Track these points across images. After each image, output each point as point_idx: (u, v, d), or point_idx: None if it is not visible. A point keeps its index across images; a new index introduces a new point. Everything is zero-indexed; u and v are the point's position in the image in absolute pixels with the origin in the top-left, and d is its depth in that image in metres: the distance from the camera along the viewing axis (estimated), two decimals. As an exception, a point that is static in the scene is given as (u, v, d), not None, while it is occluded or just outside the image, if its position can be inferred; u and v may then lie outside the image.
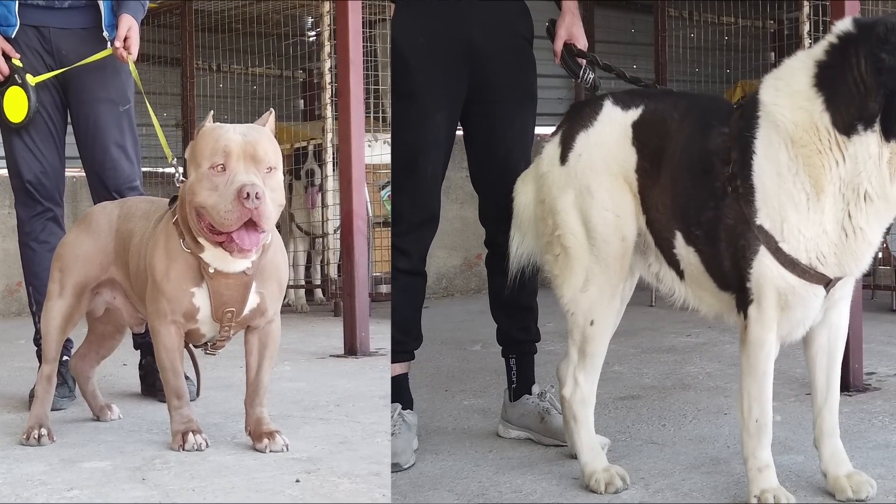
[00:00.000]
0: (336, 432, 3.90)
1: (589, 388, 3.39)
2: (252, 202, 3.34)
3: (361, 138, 5.97)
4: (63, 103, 4.61)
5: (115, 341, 4.27)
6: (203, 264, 3.57)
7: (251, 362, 3.75)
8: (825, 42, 2.95)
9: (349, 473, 3.33)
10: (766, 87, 3.03)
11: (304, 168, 8.70)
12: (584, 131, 3.34)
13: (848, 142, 2.88)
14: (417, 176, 3.78)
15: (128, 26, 4.43)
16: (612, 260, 3.29)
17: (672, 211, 3.19)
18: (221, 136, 3.44)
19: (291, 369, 5.49)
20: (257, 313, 3.70)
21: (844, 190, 2.90)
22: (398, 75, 3.80)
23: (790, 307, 3.00)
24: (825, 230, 2.93)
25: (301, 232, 8.94)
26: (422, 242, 3.85)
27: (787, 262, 2.95)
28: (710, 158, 3.08)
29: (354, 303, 5.86)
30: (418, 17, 3.77)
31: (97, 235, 3.96)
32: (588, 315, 3.33)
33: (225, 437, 3.85)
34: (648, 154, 3.23)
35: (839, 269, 2.98)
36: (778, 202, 2.94)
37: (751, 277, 3.00)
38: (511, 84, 3.83)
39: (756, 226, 2.97)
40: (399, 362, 3.87)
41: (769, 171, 2.95)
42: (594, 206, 3.28)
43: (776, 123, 2.95)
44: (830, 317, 3.17)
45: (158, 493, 3.18)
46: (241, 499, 3.11)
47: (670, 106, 3.26)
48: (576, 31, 3.79)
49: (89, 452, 3.70)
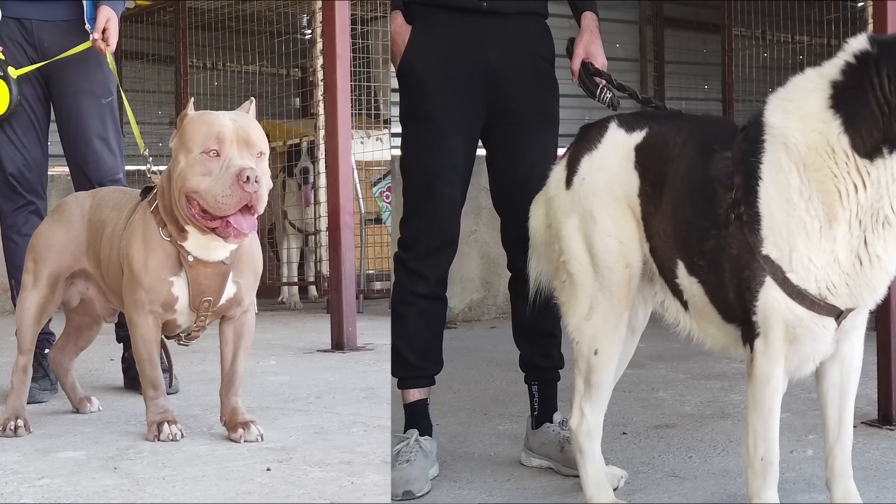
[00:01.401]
0: (313, 423, 3.90)
1: (595, 419, 3.23)
2: (252, 186, 3.37)
3: (348, 133, 5.97)
4: (46, 96, 4.61)
5: (92, 332, 4.27)
6: (183, 253, 3.57)
7: (226, 353, 3.75)
8: (839, 61, 2.78)
9: (321, 462, 3.32)
10: (773, 109, 2.86)
11: (298, 166, 8.70)
12: (589, 154, 3.20)
13: (870, 166, 2.71)
14: (434, 199, 3.65)
15: (106, 17, 4.43)
16: (615, 287, 3.13)
17: (673, 239, 3.03)
18: (214, 122, 3.46)
19: (277, 363, 5.49)
20: (234, 303, 3.70)
21: (862, 216, 2.74)
22: (414, 98, 3.69)
23: (798, 340, 2.85)
24: (837, 259, 2.76)
25: (294, 229, 8.95)
26: (440, 267, 3.72)
27: (795, 294, 2.79)
28: (711, 185, 2.92)
29: (341, 297, 5.85)
30: (434, 38, 3.66)
31: (70, 225, 3.96)
32: (592, 344, 3.18)
33: (202, 427, 3.85)
34: (650, 179, 3.08)
35: (851, 300, 2.81)
36: (786, 230, 2.77)
37: (756, 310, 2.85)
38: (531, 106, 3.70)
39: (762, 255, 2.80)
40: (417, 388, 3.73)
41: (777, 198, 2.79)
42: (597, 231, 3.14)
43: (787, 146, 2.78)
44: (842, 350, 2.99)
45: (129, 481, 3.18)
46: (211, 486, 3.10)
47: (674, 129, 3.11)
48: (593, 49, 3.65)
49: (64, 443, 3.69)
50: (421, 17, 3.69)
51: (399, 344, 3.72)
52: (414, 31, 3.69)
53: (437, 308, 3.76)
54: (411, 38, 3.68)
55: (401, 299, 3.72)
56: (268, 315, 8.14)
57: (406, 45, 3.68)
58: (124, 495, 3.04)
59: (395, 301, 3.75)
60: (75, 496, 3.04)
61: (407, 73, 3.69)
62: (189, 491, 3.07)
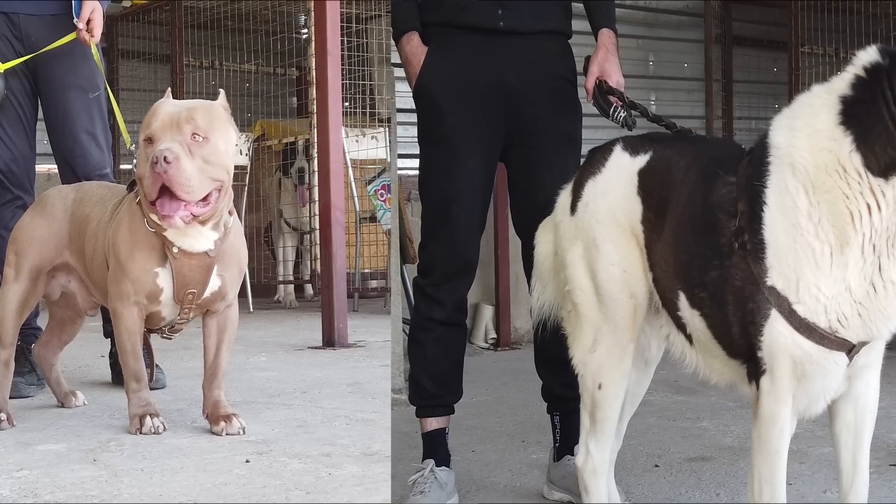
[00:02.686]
0: (296, 416, 3.89)
1: (600, 456, 3.09)
2: (160, 166, 3.35)
3: (339, 130, 5.97)
4: (33, 90, 4.60)
5: (75, 327, 4.26)
6: (167, 244, 3.57)
7: (209, 346, 3.75)
8: (849, 75, 2.61)
9: (300, 454, 3.32)
10: (779, 129, 2.69)
11: (294, 165, 8.69)
12: (593, 178, 3.06)
13: (885, 185, 2.53)
14: (451, 224, 3.56)
15: (91, 9, 4.42)
16: (620, 319, 2.99)
17: (674, 270, 2.86)
18: (155, 110, 3.48)
19: (267, 360, 5.49)
20: (218, 297, 3.70)
21: (876, 239, 2.55)
22: (429, 120, 3.61)
23: (807, 378, 2.65)
24: (849, 287, 2.57)
25: (290, 228, 8.94)
26: (457, 292, 3.62)
27: (803, 327, 2.59)
28: (713, 212, 2.75)
29: (332, 294, 5.84)
30: (450, 59, 3.56)
31: (52, 219, 3.96)
32: (596, 378, 3.05)
33: (185, 421, 3.85)
34: (653, 205, 2.92)
35: (865, 332, 2.61)
36: (793, 258, 2.59)
37: (762, 345, 2.65)
38: (550, 127, 3.57)
39: (767, 286, 2.62)
40: (435, 416, 3.64)
41: (782, 224, 2.61)
42: (600, 259, 3.00)
43: (793, 167, 2.60)
44: (855, 388, 2.78)
45: (107, 473, 3.17)
46: (188, 478, 3.09)
47: (678, 152, 2.95)
48: (608, 67, 3.52)
49: (46, 436, 3.69)
50: (437, 39, 3.60)
51: (417, 371, 3.65)
52: (429, 53, 3.59)
53: (455, 335, 3.66)
54: (426, 59, 3.59)
55: (418, 325, 3.65)
56: (263, 313, 8.14)
57: (421, 67, 3.58)
58: (101, 486, 3.03)
59: (413, 327, 3.68)
60: (52, 487, 3.03)
61: (422, 95, 3.60)
62: (166, 482, 3.06)
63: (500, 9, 3.52)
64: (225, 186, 3.52)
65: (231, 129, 3.58)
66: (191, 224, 3.50)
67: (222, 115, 3.54)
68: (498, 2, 3.52)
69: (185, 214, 3.44)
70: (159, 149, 3.37)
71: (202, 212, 3.48)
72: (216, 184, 3.48)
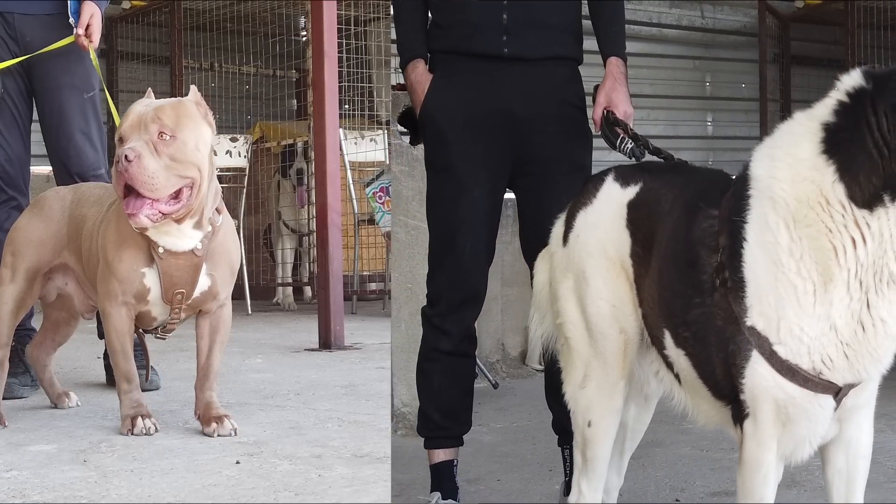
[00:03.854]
0: (289, 418, 3.89)
1: (592, 496, 2.97)
2: (121, 165, 3.35)
3: (336, 131, 5.96)
4: (28, 90, 4.59)
5: (70, 328, 4.26)
6: (152, 244, 3.56)
7: (202, 346, 3.75)
8: (832, 100, 2.46)
9: (291, 456, 3.31)
10: (759, 159, 2.55)
11: (292, 167, 8.69)
12: (584, 209, 2.97)
13: (870, 217, 2.38)
14: (456, 254, 3.50)
15: (90, 13, 4.41)
16: (609, 355, 2.88)
17: (660, 307, 2.75)
18: (128, 111, 3.49)
19: (262, 362, 5.49)
20: (209, 296, 3.69)
21: (862, 275, 2.40)
22: (434, 149, 3.56)
23: (791, 422, 2.51)
24: (834, 326, 2.42)
25: (288, 230, 8.93)
26: (464, 322, 3.56)
27: (785, 369, 2.46)
28: (695, 247, 2.62)
29: (329, 296, 5.83)
30: (455, 87, 3.50)
31: (49, 220, 3.95)
32: (586, 415, 2.95)
33: (177, 422, 3.85)
34: (641, 239, 2.81)
35: (852, 374, 2.47)
36: (774, 297, 2.45)
37: (744, 388, 2.52)
38: (557, 156, 3.48)
39: (747, 327, 2.49)
40: (442, 448, 3.58)
41: (763, 260, 2.47)
42: (589, 293, 2.90)
43: (774, 200, 2.47)
44: (847, 431, 2.62)
45: (96, 473, 3.17)
46: (178, 479, 3.09)
47: (667, 184, 2.83)
48: (615, 97, 3.45)
49: (38, 437, 3.68)
50: (442, 66, 3.57)
51: (424, 402, 3.61)
52: (434, 80, 3.54)
53: (463, 366, 3.61)
54: (431, 86, 3.54)
55: (425, 356, 3.61)
56: (261, 315, 8.14)
57: (426, 95, 3.54)
58: (90, 487, 3.02)
59: (420, 357, 3.64)
60: (41, 488, 3.03)
61: (427, 122, 3.56)
62: (156, 483, 3.05)
63: (505, 35, 3.46)
64: (197, 183, 3.49)
65: (203, 125, 3.55)
66: (165, 222, 3.48)
67: (192, 111, 3.52)
68: (503, 28, 3.46)
69: (151, 213, 3.42)
70: (121, 148, 3.38)
71: (172, 210, 3.46)
72: (186, 181, 3.46)
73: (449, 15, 3.54)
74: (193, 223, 3.56)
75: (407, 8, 3.63)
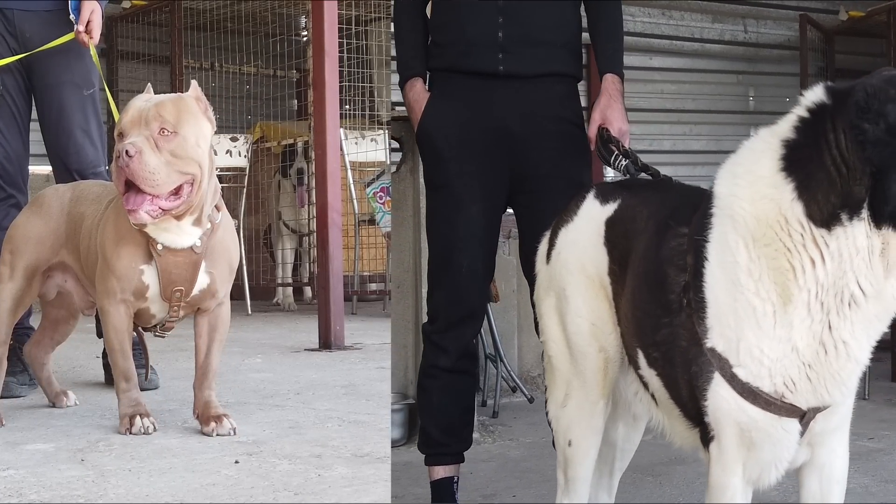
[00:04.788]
0: (289, 418, 3.86)
1: None
2: (122, 160, 3.32)
3: (336, 130, 5.94)
4: (27, 87, 4.57)
5: (69, 326, 4.23)
6: (151, 241, 3.53)
7: (200, 345, 3.72)
8: (793, 116, 2.41)
9: (290, 455, 3.28)
10: (722, 177, 2.48)
11: (293, 166, 8.67)
12: (565, 227, 2.95)
13: (829, 236, 2.30)
14: (453, 271, 3.50)
15: (91, 10, 4.38)
16: (589, 374, 2.85)
17: (633, 326, 2.70)
18: (128, 107, 3.47)
19: (262, 361, 5.46)
20: (207, 294, 3.66)
21: (823, 296, 2.32)
22: (431, 167, 3.57)
23: (756, 446, 2.43)
24: (795, 348, 2.35)
25: (288, 230, 8.91)
26: (462, 340, 3.55)
27: (747, 392, 2.38)
28: (663, 266, 2.56)
29: (329, 296, 5.81)
30: (451, 105, 3.51)
31: (48, 217, 3.93)
32: (566, 434, 2.92)
33: (176, 421, 3.82)
34: (617, 256, 2.76)
35: (815, 398, 2.39)
36: (734, 318, 2.38)
37: (707, 410, 2.45)
38: (555, 173, 3.47)
39: (707, 348, 2.42)
40: (442, 465, 3.59)
41: (723, 281, 2.40)
42: (569, 311, 2.86)
43: (734, 218, 2.40)
44: (819, 456, 2.54)
45: (94, 473, 3.13)
46: (176, 478, 3.06)
47: (643, 201, 2.79)
48: (609, 114, 3.42)
49: (35, 435, 3.66)
50: (439, 84, 3.57)
51: (423, 419, 3.61)
52: (431, 98, 3.55)
53: (462, 383, 3.60)
54: (428, 104, 3.54)
55: (424, 373, 3.61)
56: (261, 316, 8.12)
57: (422, 113, 3.54)
58: (87, 486, 2.99)
59: (420, 374, 3.64)
60: (38, 487, 3.00)
61: (423, 141, 3.56)
62: (153, 482, 3.02)
63: (501, 52, 3.45)
64: (198, 180, 3.46)
65: (204, 121, 3.52)
66: (164, 219, 3.46)
67: (192, 107, 3.50)
68: (498, 46, 3.45)
69: (151, 209, 3.40)
70: (122, 143, 3.35)
71: (172, 206, 3.43)
72: (186, 177, 3.43)
73: (446, 33, 3.56)
74: (193, 220, 3.53)
75: (407, 27, 3.65)
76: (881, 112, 2.25)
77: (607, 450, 3.12)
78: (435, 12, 3.61)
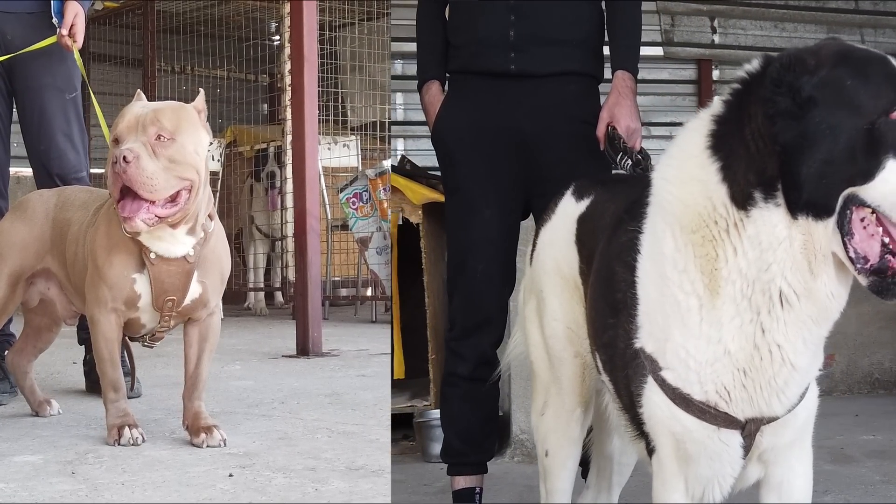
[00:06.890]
0: (277, 428, 3.82)
1: None
2: (119, 166, 3.27)
3: (315, 137, 5.91)
4: (8, 91, 4.51)
5: (51, 334, 4.17)
6: (144, 249, 3.49)
7: (190, 355, 3.67)
8: (728, 88, 2.21)
9: (284, 468, 3.24)
10: (659, 161, 2.31)
11: (264, 170, 8.63)
12: (544, 226, 2.87)
13: (747, 219, 2.09)
14: (466, 276, 3.45)
15: (74, 13, 4.33)
16: (565, 380, 2.73)
17: (590, 328, 2.55)
18: (124, 112, 3.43)
19: (241, 368, 5.42)
20: (199, 304, 3.62)
21: (751, 292, 2.10)
22: (446, 170, 3.54)
23: (693, 460, 2.21)
24: (727, 351, 2.13)
25: (260, 234, 8.88)
26: (479, 348, 3.48)
27: (678, 398, 2.16)
28: (611, 263, 2.38)
29: (307, 302, 5.77)
30: (464, 106, 3.48)
31: (33, 223, 3.87)
32: (543, 444, 2.83)
33: (163, 432, 3.77)
34: (586, 255, 2.60)
35: (752, 408, 2.16)
36: (661, 315, 2.18)
37: (643, 418, 2.27)
38: (570, 173, 3.25)
39: (637, 349, 2.23)
40: (463, 475, 3.55)
41: (652, 275, 2.20)
42: (546, 314, 2.74)
43: (662, 205, 2.21)
44: (776, 475, 2.31)
45: (86, 486, 3.09)
46: (171, 492, 3.01)
47: (612, 196, 2.63)
48: (617, 112, 3.34)
49: (22, 447, 3.60)
50: (454, 86, 3.56)
51: (445, 427, 3.59)
52: (445, 101, 3.54)
53: (482, 392, 3.53)
54: (442, 107, 3.53)
55: (445, 381, 3.58)
56: (233, 320, 8.06)
57: (436, 116, 3.52)
58: (81, 501, 2.95)
59: (442, 382, 3.61)
60: (30, 501, 2.95)
61: (437, 144, 3.54)
62: (149, 497, 2.98)
63: (512, 52, 3.43)
64: (195, 186, 3.41)
65: (202, 130, 3.49)
66: (160, 227, 3.41)
67: (192, 116, 3.46)
68: (509, 45, 3.43)
69: (148, 217, 3.34)
70: (119, 149, 3.30)
71: (169, 213, 3.38)
72: (184, 183, 3.38)
73: (460, 35, 3.54)
74: (187, 229, 3.49)
75: (425, 31, 3.65)
76: (793, 85, 2.06)
77: (604, 464, 3.08)
78: (451, 15, 3.61)
